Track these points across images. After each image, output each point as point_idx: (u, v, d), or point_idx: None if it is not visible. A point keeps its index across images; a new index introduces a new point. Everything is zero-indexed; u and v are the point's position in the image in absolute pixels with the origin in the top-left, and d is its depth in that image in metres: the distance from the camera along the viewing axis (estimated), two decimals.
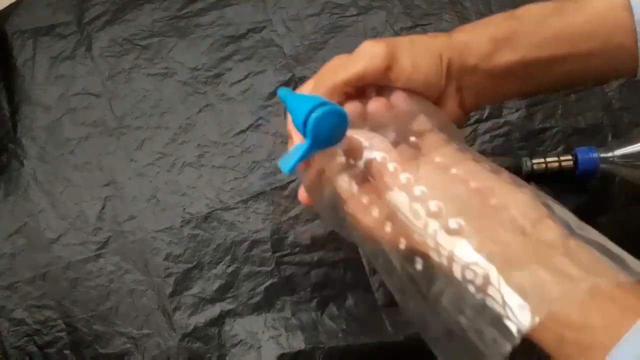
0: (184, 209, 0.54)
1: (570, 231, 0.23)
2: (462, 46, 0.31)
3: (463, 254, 0.23)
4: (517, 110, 0.51)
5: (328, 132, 0.28)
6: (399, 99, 0.31)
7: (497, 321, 0.21)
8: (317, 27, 0.54)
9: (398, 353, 0.49)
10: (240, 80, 0.55)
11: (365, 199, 0.28)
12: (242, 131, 0.54)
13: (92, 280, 0.55)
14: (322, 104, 0.27)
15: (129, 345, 0.53)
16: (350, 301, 0.51)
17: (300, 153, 0.28)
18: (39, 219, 0.57)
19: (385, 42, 0.30)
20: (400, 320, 0.49)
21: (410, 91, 0.31)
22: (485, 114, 0.51)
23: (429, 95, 0.32)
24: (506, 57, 0.31)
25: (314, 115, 0.27)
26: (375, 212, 0.27)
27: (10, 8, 0.61)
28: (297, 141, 0.33)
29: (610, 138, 0.49)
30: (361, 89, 0.32)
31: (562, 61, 0.31)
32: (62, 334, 0.55)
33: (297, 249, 0.52)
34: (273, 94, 0.54)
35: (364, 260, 0.51)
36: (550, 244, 0.22)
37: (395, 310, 0.49)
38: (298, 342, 0.50)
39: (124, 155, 0.56)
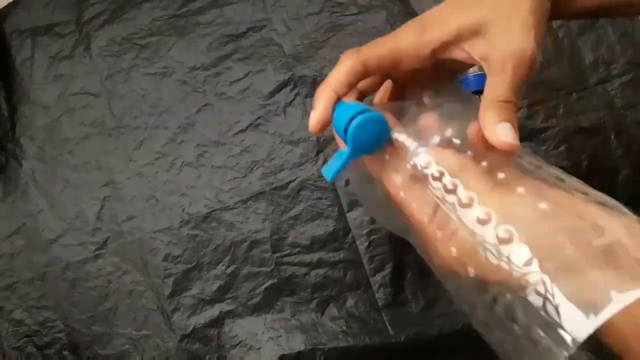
0: (183, 209, 0.54)
1: None
2: None
3: (517, 259, 0.22)
4: (518, 110, 0.50)
5: (368, 139, 0.28)
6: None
7: (551, 330, 0.20)
8: (317, 26, 0.54)
9: (398, 354, 0.49)
10: (239, 79, 0.55)
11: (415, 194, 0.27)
12: (242, 130, 0.54)
13: (91, 280, 0.55)
14: (362, 111, 0.27)
15: (127, 346, 0.53)
16: (350, 302, 0.50)
17: (342, 160, 0.28)
18: (38, 220, 0.56)
19: None
20: (400, 320, 0.49)
21: None
22: None
23: None
24: None
25: (353, 123, 0.27)
26: (431, 217, 0.26)
27: (8, 7, 0.60)
28: (341, 146, 0.32)
29: (612, 137, 0.49)
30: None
31: None
32: (61, 334, 0.55)
33: (297, 250, 0.51)
34: (272, 93, 0.54)
35: (364, 261, 0.50)
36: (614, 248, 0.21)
37: (395, 310, 0.49)
38: (298, 343, 0.49)
39: (123, 155, 0.56)
